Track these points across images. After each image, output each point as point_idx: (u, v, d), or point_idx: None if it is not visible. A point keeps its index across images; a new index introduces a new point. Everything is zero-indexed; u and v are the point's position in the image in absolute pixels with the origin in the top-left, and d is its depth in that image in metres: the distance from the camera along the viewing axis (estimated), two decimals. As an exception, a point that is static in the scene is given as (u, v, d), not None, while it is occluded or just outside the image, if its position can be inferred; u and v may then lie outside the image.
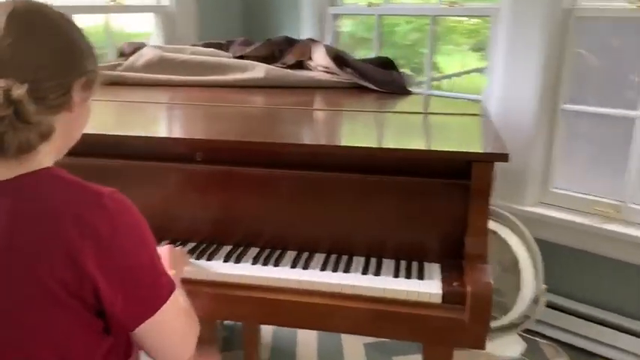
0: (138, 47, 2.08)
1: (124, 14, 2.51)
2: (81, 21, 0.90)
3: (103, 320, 0.79)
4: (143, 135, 1.34)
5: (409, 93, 1.93)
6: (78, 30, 0.87)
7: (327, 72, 2.00)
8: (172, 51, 2.05)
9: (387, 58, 2.09)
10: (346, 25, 3.24)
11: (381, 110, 1.71)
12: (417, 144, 1.35)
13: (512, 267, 2.01)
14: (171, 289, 0.85)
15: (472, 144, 1.33)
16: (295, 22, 2.68)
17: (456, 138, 1.48)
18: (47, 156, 0.82)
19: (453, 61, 2.73)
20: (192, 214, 1.31)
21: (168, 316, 0.83)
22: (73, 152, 1.26)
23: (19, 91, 0.75)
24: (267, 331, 2.14)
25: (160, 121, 1.61)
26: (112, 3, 2.34)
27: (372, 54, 2.53)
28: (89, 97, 0.89)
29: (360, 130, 1.54)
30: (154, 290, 0.82)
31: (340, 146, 1.27)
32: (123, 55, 2.11)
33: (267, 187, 1.28)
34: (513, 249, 2.00)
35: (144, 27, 2.63)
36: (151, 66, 1.96)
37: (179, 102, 1.81)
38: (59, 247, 0.73)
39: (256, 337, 1.55)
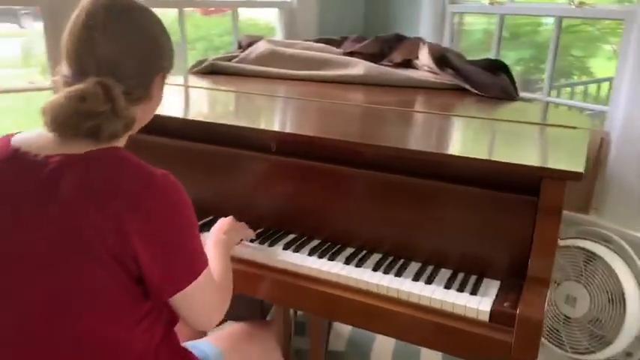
0: (255, 40, 2.22)
1: (252, 9, 2.69)
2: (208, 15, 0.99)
3: (142, 287, 0.89)
4: (223, 123, 1.44)
5: (514, 99, 1.82)
6: (160, 25, 0.96)
7: (431, 72, 1.96)
8: (284, 45, 2.15)
9: (498, 61, 1.99)
10: (478, 24, 3.10)
11: (472, 115, 1.64)
12: (488, 154, 1.28)
13: (618, 298, 1.82)
14: (204, 266, 0.93)
15: (549, 158, 1.23)
16: (415, 19, 2.65)
17: (537, 151, 1.38)
18: (123, 138, 0.94)
19: (612, 65, 2.51)
20: (262, 201, 1.38)
21: (198, 289, 0.92)
22: (166, 134, 1.42)
23: (118, 88, 0.87)
24: (346, 322, 2.18)
25: (247, 111, 1.72)
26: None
27: (494, 54, 2.41)
28: (163, 86, 1.01)
29: (437, 134, 1.50)
30: (189, 267, 0.91)
31: (401, 149, 1.25)
32: (240, 47, 2.26)
33: (337, 183, 1.31)
34: (621, 279, 1.82)
35: (272, 22, 2.79)
36: (261, 59, 2.08)
37: (277, 95, 1.90)
38: (110, 219, 0.82)
39: (322, 326, 1.59)
